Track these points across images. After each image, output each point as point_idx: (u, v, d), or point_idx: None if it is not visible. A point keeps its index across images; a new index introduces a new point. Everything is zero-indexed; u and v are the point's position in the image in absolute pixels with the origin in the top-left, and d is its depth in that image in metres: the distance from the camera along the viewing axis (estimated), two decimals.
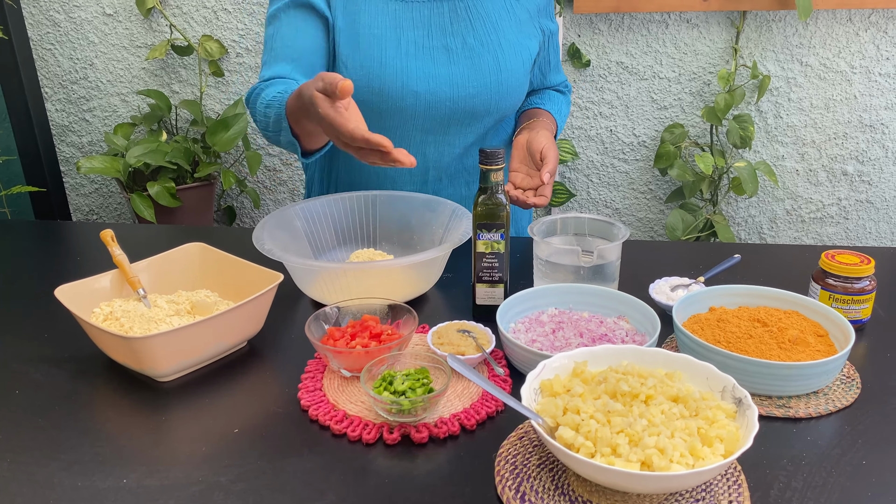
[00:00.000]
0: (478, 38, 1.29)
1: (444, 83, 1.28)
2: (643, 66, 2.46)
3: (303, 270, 1.13)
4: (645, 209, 2.66)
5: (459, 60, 1.28)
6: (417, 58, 1.27)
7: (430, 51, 1.28)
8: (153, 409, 0.92)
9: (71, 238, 1.52)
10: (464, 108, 1.30)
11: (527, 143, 1.30)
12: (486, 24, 1.30)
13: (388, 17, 1.27)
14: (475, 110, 1.31)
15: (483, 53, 1.29)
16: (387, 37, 1.26)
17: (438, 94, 1.28)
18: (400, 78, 1.26)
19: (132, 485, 0.79)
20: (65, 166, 2.82)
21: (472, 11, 1.30)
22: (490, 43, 1.30)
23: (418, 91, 1.27)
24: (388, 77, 1.26)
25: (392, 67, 1.26)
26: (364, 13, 1.27)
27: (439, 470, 0.81)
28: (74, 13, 2.60)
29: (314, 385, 0.95)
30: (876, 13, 2.31)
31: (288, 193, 2.78)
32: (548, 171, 1.23)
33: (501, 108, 1.34)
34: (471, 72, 1.29)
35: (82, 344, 1.04)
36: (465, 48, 1.29)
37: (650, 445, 0.72)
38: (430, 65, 1.27)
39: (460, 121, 1.32)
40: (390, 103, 1.27)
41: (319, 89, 0.95)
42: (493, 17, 1.31)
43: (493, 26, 1.31)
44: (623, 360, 0.87)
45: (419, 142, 1.33)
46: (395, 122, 1.30)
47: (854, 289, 1.04)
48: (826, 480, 0.78)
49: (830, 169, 2.52)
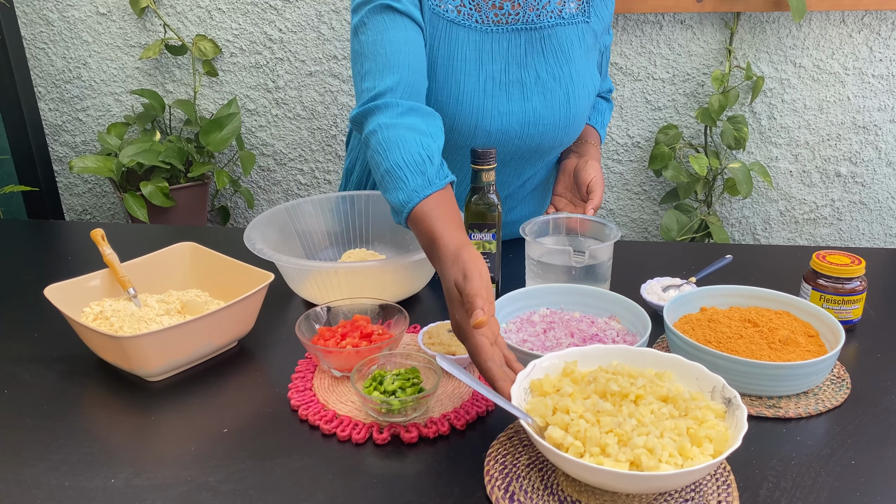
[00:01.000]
0: (550, 71, 1.23)
1: (515, 121, 1.22)
2: (637, 66, 2.46)
3: (294, 270, 1.13)
4: (639, 210, 2.66)
5: (532, 96, 1.22)
6: (494, 95, 1.20)
7: (505, 87, 1.21)
8: (142, 409, 0.92)
9: (63, 238, 1.51)
10: (531, 145, 1.26)
11: (574, 170, 1.28)
12: (557, 55, 1.23)
13: (470, 48, 1.19)
14: (542, 145, 1.27)
15: (555, 88, 1.23)
16: (467, 70, 1.19)
17: (509, 133, 1.23)
18: (475, 117, 1.20)
19: (120, 485, 0.79)
20: (58, 166, 2.81)
21: (546, 43, 1.23)
22: (562, 76, 1.23)
23: (490, 130, 1.21)
24: (464, 116, 1.20)
25: (468, 105, 1.19)
26: (446, 40, 1.18)
27: (429, 470, 0.81)
28: (68, 12, 2.59)
29: (304, 385, 0.95)
30: (869, 15, 2.31)
31: (282, 193, 2.78)
32: (592, 207, 1.22)
33: (566, 140, 1.30)
34: (543, 108, 1.23)
35: (72, 344, 1.04)
36: (539, 83, 1.22)
37: (639, 445, 0.72)
38: (505, 102, 1.21)
39: (523, 155, 1.28)
40: (459, 140, 1.22)
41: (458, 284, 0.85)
42: (566, 47, 1.24)
43: (564, 57, 1.24)
44: (613, 360, 0.87)
45: None
46: (461, 156, 1.25)
47: (845, 289, 1.04)
48: (815, 480, 0.78)
49: (824, 170, 2.52)
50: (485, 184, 1.04)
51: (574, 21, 1.25)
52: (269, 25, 2.55)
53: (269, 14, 2.53)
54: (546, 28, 1.22)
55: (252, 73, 2.61)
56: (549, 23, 1.22)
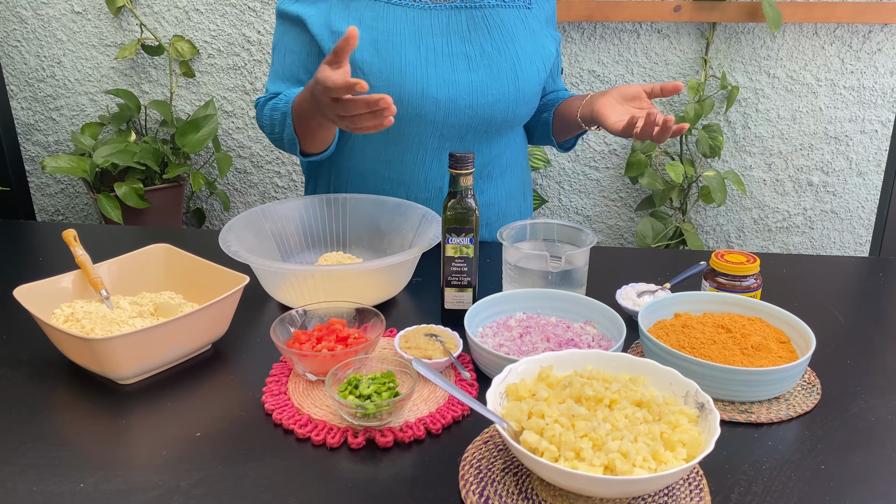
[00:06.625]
0: (495, 46, 1.29)
1: (463, 90, 1.27)
2: (615, 74, 2.48)
3: (270, 273, 1.12)
4: (615, 216, 2.68)
5: (478, 68, 1.28)
6: (437, 65, 1.26)
7: (449, 57, 1.27)
8: (113, 413, 0.91)
9: (33, 238, 1.49)
10: (482, 116, 1.30)
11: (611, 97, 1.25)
12: (502, 32, 1.30)
13: (409, 24, 1.26)
14: (493, 118, 1.31)
15: (501, 62, 1.29)
16: (407, 43, 1.25)
17: (458, 102, 1.27)
18: (420, 84, 1.25)
19: (89, 489, 0.78)
20: (30, 165, 2.77)
21: (489, 20, 1.30)
22: (507, 51, 1.30)
23: (438, 98, 1.26)
24: (408, 84, 1.25)
25: (412, 74, 1.25)
26: (383, 20, 1.26)
27: (403, 474, 0.81)
28: (42, 10, 2.56)
29: (279, 389, 0.94)
30: (841, 27, 2.36)
31: (258, 196, 2.76)
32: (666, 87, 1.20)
33: (518, 115, 1.34)
34: (489, 79, 1.28)
35: (42, 346, 1.02)
36: (484, 56, 1.28)
37: (613, 450, 0.72)
38: (450, 71, 1.26)
39: (478, 128, 1.31)
40: (410, 110, 1.26)
41: (325, 60, 1.05)
42: (509, 26, 1.31)
43: (509, 35, 1.31)
44: (588, 364, 0.87)
45: (437, 148, 1.32)
46: (413, 128, 1.29)
47: (741, 286, 1.08)
48: (786, 485, 0.79)
49: (796, 179, 2.56)
50: (462, 188, 1.04)
51: (515, 5, 1.33)
52: (248, 27, 2.53)
53: (247, 16, 2.52)
54: (487, 7, 1.31)
55: (230, 75, 2.60)
56: (489, 3, 1.31)
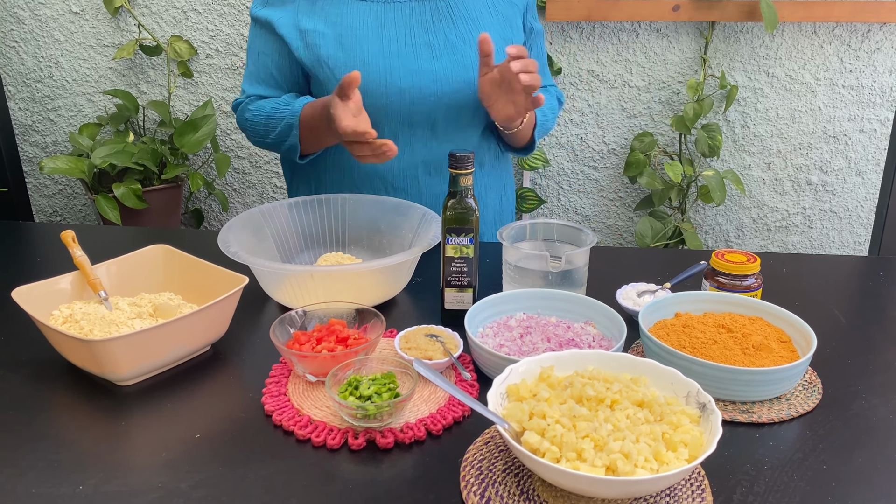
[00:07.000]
0: (459, 34, 1.31)
1: (427, 78, 1.29)
2: (613, 74, 2.48)
3: (269, 274, 1.12)
4: (614, 216, 2.68)
5: (442, 56, 1.30)
6: (400, 55, 1.29)
7: (412, 48, 1.30)
8: (113, 414, 0.90)
9: (32, 239, 1.48)
10: (448, 104, 1.31)
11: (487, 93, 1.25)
12: (467, 21, 1.32)
13: (371, 17, 1.30)
14: (460, 105, 1.32)
15: (465, 49, 1.31)
16: (369, 37, 1.29)
17: (423, 90, 1.29)
18: (383, 75, 1.28)
19: (88, 491, 0.77)
20: (28, 166, 2.76)
21: (454, 9, 1.32)
22: (472, 39, 1.31)
23: (402, 87, 1.28)
24: (372, 75, 1.28)
25: (374, 66, 1.28)
26: (347, 15, 1.30)
27: (404, 475, 0.80)
28: (39, 10, 2.55)
29: (278, 390, 0.94)
30: (840, 26, 2.36)
31: (257, 196, 2.76)
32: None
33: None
34: (454, 67, 1.30)
35: (40, 347, 1.02)
36: (448, 44, 1.31)
37: (615, 450, 0.72)
38: (413, 61, 1.29)
39: (446, 115, 1.33)
40: (375, 101, 1.28)
41: (335, 91, 1.13)
42: (475, 14, 1.33)
43: (474, 23, 1.32)
44: (589, 364, 0.87)
45: (408, 135, 1.34)
46: (381, 118, 1.31)
47: (741, 286, 1.08)
48: (787, 485, 0.79)
49: (795, 178, 2.56)
50: (462, 188, 1.04)
51: None
52: (246, 27, 2.53)
53: (245, 16, 2.51)
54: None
55: (228, 75, 2.59)
56: None
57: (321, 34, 1.29)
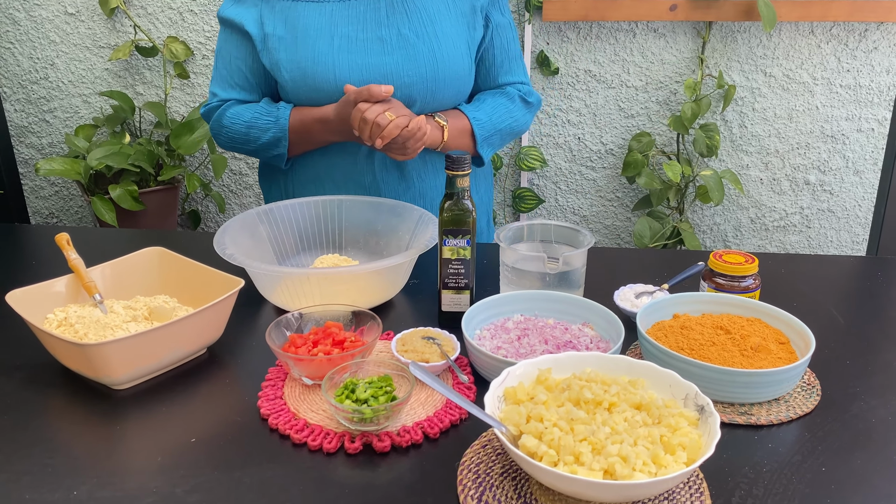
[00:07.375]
0: (413, 29, 1.31)
1: (376, 73, 1.29)
2: (611, 74, 2.48)
3: (265, 276, 1.11)
4: (612, 217, 2.68)
5: (393, 51, 1.30)
6: (350, 51, 1.29)
7: (363, 43, 1.30)
8: (108, 419, 0.90)
9: (27, 242, 1.48)
10: (400, 97, 1.29)
11: None
12: (422, 15, 1.32)
13: (325, 16, 1.31)
14: (412, 99, 1.31)
15: (418, 44, 1.30)
16: (321, 35, 1.30)
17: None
18: (331, 71, 1.29)
19: (83, 496, 0.77)
20: (23, 168, 2.75)
21: (409, 4, 1.32)
22: (425, 34, 1.31)
23: (351, 82, 1.28)
24: (321, 72, 1.29)
25: (323, 63, 1.29)
26: (302, 17, 1.31)
27: (401, 479, 0.80)
28: (35, 11, 2.54)
29: (274, 393, 0.93)
30: (837, 26, 2.36)
31: (254, 197, 2.75)
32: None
33: (439, 97, 1.33)
34: (405, 62, 1.30)
35: (35, 351, 1.01)
36: (400, 39, 1.30)
37: (613, 454, 0.71)
38: (362, 56, 1.30)
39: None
40: (325, 97, 1.30)
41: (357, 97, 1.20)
42: (431, 10, 1.32)
43: (429, 18, 1.32)
44: (587, 367, 0.87)
45: None
46: None
47: (739, 287, 1.07)
48: (786, 487, 0.79)
49: (793, 178, 2.56)
50: (459, 189, 1.03)
51: None
52: None
53: None
54: None
55: None
56: None
57: (279, 38, 1.31)
